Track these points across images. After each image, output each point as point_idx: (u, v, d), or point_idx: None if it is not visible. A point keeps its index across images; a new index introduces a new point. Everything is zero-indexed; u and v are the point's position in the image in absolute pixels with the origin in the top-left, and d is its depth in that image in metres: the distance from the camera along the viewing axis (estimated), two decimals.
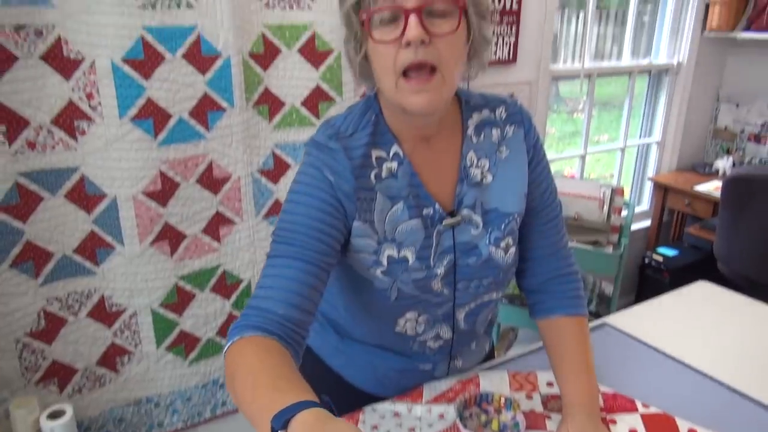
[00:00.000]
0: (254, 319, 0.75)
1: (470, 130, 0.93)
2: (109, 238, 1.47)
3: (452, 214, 0.91)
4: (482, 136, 0.94)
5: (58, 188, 1.40)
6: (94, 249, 1.47)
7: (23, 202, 1.36)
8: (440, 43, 0.78)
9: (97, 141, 1.40)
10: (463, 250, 0.91)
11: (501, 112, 0.96)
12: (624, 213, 2.14)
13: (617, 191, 2.04)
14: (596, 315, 2.07)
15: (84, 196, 1.43)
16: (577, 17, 2.71)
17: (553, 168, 2.89)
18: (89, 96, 1.37)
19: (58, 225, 1.42)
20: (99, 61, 1.35)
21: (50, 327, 1.46)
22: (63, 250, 1.44)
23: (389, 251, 0.88)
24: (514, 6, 2.13)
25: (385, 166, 0.88)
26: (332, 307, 1.02)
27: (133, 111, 1.40)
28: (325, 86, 1.68)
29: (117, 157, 1.41)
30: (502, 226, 0.93)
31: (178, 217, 1.54)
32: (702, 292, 1.41)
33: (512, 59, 2.20)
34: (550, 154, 2.88)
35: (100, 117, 1.38)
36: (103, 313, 1.53)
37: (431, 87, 0.79)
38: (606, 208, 2.01)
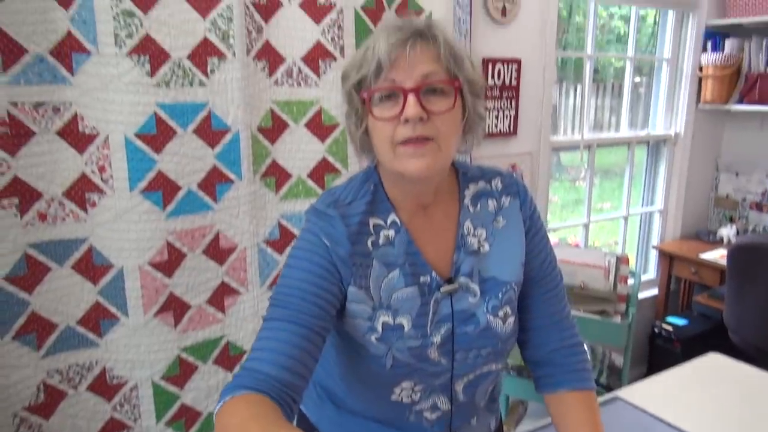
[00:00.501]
0: (245, 379, 0.75)
1: (467, 200, 0.96)
2: (113, 309, 1.47)
3: (449, 281, 0.91)
4: (479, 206, 0.96)
5: (66, 259, 1.42)
6: (98, 320, 1.47)
7: (30, 273, 1.37)
8: (437, 119, 0.82)
9: (107, 213, 1.42)
10: (461, 318, 0.91)
11: (497, 184, 0.98)
12: (630, 282, 2.12)
13: (622, 260, 2.04)
14: (607, 388, 2.01)
15: (91, 266, 1.44)
16: (575, 90, 2.80)
17: (557, 236, 2.90)
18: (101, 169, 1.41)
19: (64, 296, 1.43)
20: (113, 136, 1.39)
21: (49, 401, 1.43)
22: (67, 321, 1.44)
23: (384, 318, 0.88)
24: (513, 81, 2.21)
25: (383, 233, 0.90)
26: (329, 377, 1.00)
27: (143, 183, 1.43)
28: (330, 158, 1.73)
29: (125, 228, 1.43)
30: (500, 295, 0.93)
31: (183, 287, 1.54)
32: (714, 364, 1.38)
33: (513, 131, 2.26)
34: (553, 222, 2.90)
35: (111, 189, 1.41)
36: (104, 386, 1.50)
37: (427, 151, 0.82)
38: (612, 277, 2.00)
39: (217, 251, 1.59)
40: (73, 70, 1.35)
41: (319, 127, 1.70)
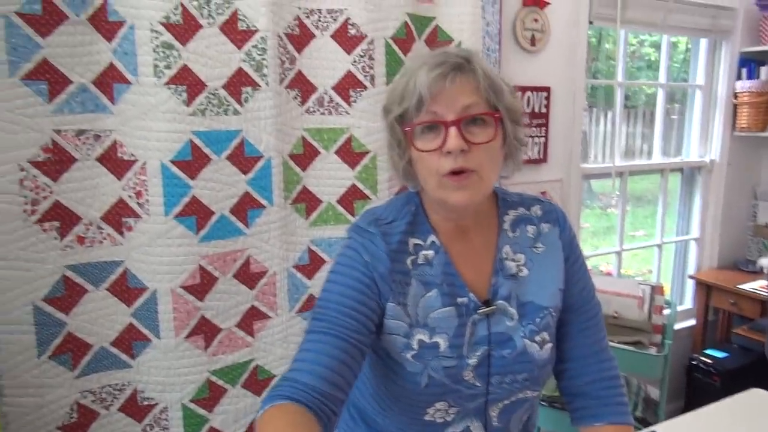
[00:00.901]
0: (285, 389, 0.77)
1: (506, 225, 0.97)
2: (146, 331, 1.50)
3: (487, 303, 0.92)
4: (518, 231, 0.97)
5: (102, 281, 1.45)
6: (131, 342, 1.49)
7: (68, 295, 1.41)
8: (478, 150, 0.84)
9: (142, 236, 1.46)
10: (498, 341, 0.91)
11: (536, 210, 1.00)
12: (666, 312, 2.07)
13: (657, 289, 1.99)
14: (642, 421, 1.95)
15: (125, 289, 1.48)
16: (605, 116, 2.78)
17: (589, 264, 2.86)
18: (138, 194, 1.45)
19: (99, 317, 1.46)
20: (150, 162, 1.44)
21: (82, 420, 1.45)
22: (101, 342, 1.47)
23: (420, 336, 0.89)
24: (543, 109, 2.21)
25: (422, 253, 0.92)
26: (363, 396, 1.01)
27: (178, 209, 1.47)
28: (360, 185, 1.75)
29: (160, 252, 1.47)
30: (537, 320, 0.93)
31: (214, 311, 1.56)
32: (756, 400, 1.33)
33: (543, 158, 2.26)
34: (584, 249, 2.86)
35: (147, 214, 1.45)
36: (135, 408, 1.52)
37: (470, 184, 0.85)
38: (647, 306, 1.96)
39: (248, 275, 1.61)
40: (114, 100, 1.41)
41: (350, 154, 1.72)
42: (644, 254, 4.01)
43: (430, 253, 0.92)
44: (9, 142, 1.29)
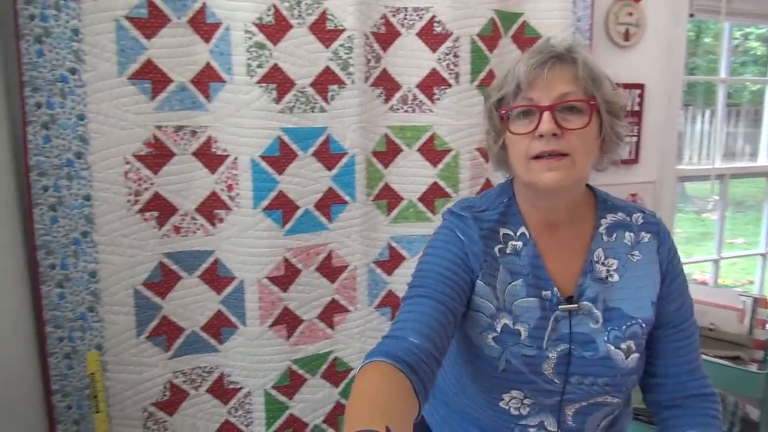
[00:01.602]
0: (387, 346, 0.79)
1: (602, 229, 0.95)
2: (233, 318, 1.57)
3: (570, 300, 0.91)
4: (614, 236, 0.95)
5: (195, 269, 1.54)
6: (219, 328, 1.57)
7: (164, 280, 1.50)
8: (571, 135, 0.84)
9: (232, 228, 1.53)
10: (579, 341, 0.90)
11: (638, 218, 0.97)
12: None
13: (760, 302, 1.84)
14: None
15: (216, 277, 1.55)
16: (703, 116, 2.61)
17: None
18: (229, 188, 1.52)
19: (191, 303, 1.55)
20: (241, 158, 1.50)
21: (174, 399, 1.55)
22: (192, 327, 1.55)
23: (505, 320, 0.90)
24: (636, 107, 2.11)
25: (511, 243, 0.93)
26: (444, 375, 1.03)
27: (265, 202, 1.53)
28: (441, 183, 1.74)
29: (248, 243, 1.53)
30: (623, 327, 0.90)
31: (296, 302, 1.61)
32: None
33: (635, 159, 2.15)
34: None
35: (237, 207, 1.52)
36: (221, 390, 1.60)
37: (561, 166, 0.85)
38: (747, 320, 1.82)
39: (330, 269, 1.65)
40: (209, 98, 1.48)
41: (432, 151, 1.72)
42: (743, 264, 3.73)
43: (519, 244, 0.93)
44: (117, 137, 1.40)
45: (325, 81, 1.56)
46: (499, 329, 0.90)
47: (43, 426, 1.41)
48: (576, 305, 0.90)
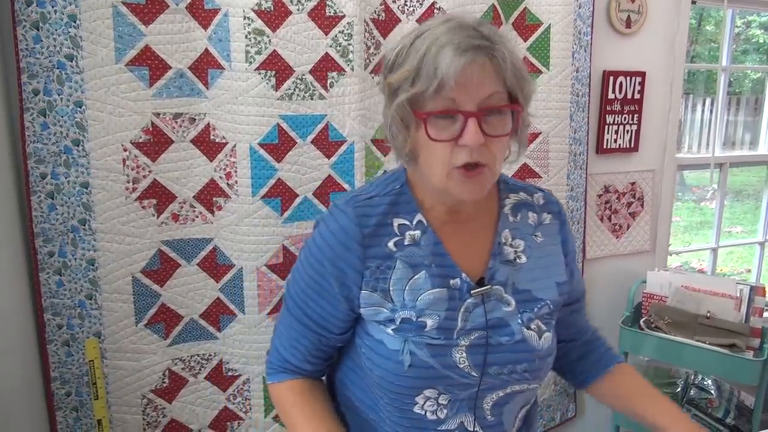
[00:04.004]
0: (279, 365, 0.99)
1: (507, 209, 0.94)
2: (232, 306, 1.57)
3: (480, 284, 0.88)
4: (519, 216, 0.94)
5: (193, 257, 1.54)
6: (218, 315, 1.58)
7: (163, 268, 1.50)
8: (492, 143, 0.79)
9: (231, 216, 1.52)
10: (495, 326, 0.87)
11: (539, 198, 0.97)
12: (767, 315, 1.92)
13: (757, 290, 1.85)
14: (734, 429, 1.83)
15: (214, 265, 1.55)
16: (703, 104, 2.60)
17: (679, 260, 2.69)
18: (228, 175, 1.51)
19: (190, 291, 1.55)
20: (239, 145, 1.50)
21: (173, 386, 1.55)
22: (191, 315, 1.56)
23: (405, 315, 0.86)
24: (636, 95, 2.10)
25: (408, 234, 0.88)
26: (355, 391, 0.98)
27: (264, 190, 1.52)
28: None
29: (246, 231, 1.53)
30: (535, 309, 0.90)
31: None
32: None
33: (634, 147, 2.14)
34: (675, 244, 2.70)
35: (236, 195, 1.52)
36: (220, 377, 1.60)
37: (481, 179, 0.81)
38: (744, 308, 1.83)
39: None
40: (208, 85, 1.47)
41: None
42: (741, 252, 3.75)
43: (417, 233, 0.88)
44: (115, 124, 1.39)
45: (325, 68, 1.55)
46: (398, 322, 0.86)
47: (42, 413, 1.42)
48: (488, 287, 0.87)
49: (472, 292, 0.87)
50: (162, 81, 1.43)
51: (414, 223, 0.89)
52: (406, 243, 0.87)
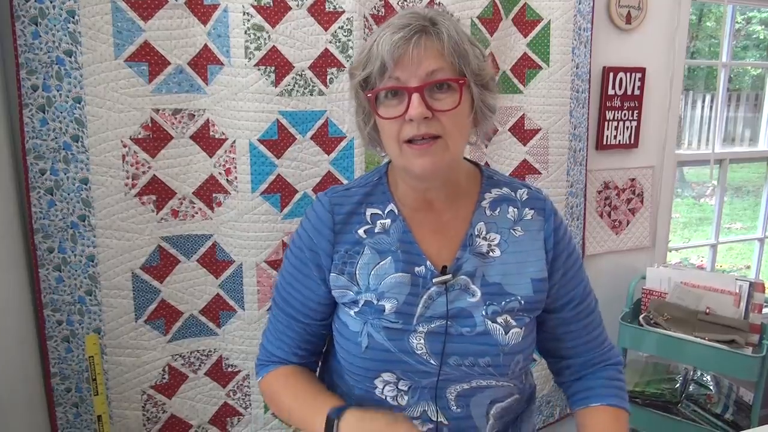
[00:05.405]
0: (268, 359, 1.02)
1: (485, 203, 0.94)
2: (232, 302, 1.57)
3: (444, 271, 0.89)
4: (497, 211, 0.94)
5: (193, 253, 1.54)
6: (218, 311, 1.58)
7: (162, 264, 1.50)
8: (443, 117, 0.81)
9: (231, 212, 1.52)
10: (456, 316, 0.88)
11: (522, 194, 0.96)
12: (766, 311, 1.93)
13: (757, 286, 1.85)
14: (733, 425, 1.84)
15: (214, 261, 1.55)
16: (703, 100, 2.60)
17: (679, 257, 2.69)
18: (227, 171, 1.51)
19: (189, 287, 1.55)
20: (239, 141, 1.49)
21: (172, 382, 1.56)
22: (191, 311, 1.56)
23: (368, 298, 0.89)
24: (636, 91, 2.10)
25: (379, 222, 0.92)
26: (340, 377, 1.01)
27: (263, 186, 1.52)
28: None
29: (246, 227, 1.53)
30: (503, 303, 0.89)
31: None
32: None
33: (634, 143, 2.14)
34: (674, 241, 2.70)
35: (235, 191, 1.51)
36: (220, 373, 1.61)
37: (434, 151, 0.82)
38: (743, 304, 1.83)
39: None
40: (207, 80, 1.47)
41: None
42: (741, 248, 3.75)
43: (387, 221, 0.92)
44: (114, 120, 1.39)
45: (324, 64, 1.54)
46: (361, 305, 0.90)
47: (42, 408, 1.42)
48: (448, 276, 0.88)
49: (433, 280, 0.89)
50: (161, 77, 1.42)
51: (386, 212, 0.93)
52: (376, 231, 0.92)
